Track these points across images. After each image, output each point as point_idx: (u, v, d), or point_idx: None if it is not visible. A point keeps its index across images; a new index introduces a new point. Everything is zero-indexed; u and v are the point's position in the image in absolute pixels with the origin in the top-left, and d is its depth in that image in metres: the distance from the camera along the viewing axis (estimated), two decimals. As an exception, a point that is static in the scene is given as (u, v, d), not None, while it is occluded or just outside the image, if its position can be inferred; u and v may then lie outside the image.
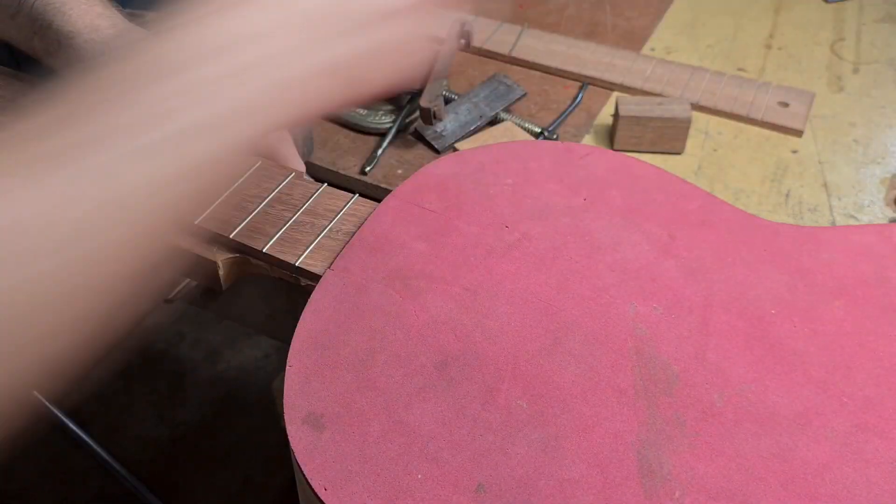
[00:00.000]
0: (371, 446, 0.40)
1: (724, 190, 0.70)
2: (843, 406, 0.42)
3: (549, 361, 0.44)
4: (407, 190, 0.54)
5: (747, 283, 0.48)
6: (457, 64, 0.85)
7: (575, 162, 0.56)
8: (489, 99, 0.76)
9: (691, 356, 0.44)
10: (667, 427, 0.41)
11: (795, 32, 0.91)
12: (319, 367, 0.44)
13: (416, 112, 0.75)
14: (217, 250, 0.52)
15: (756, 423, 0.41)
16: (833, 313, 0.47)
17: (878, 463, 0.40)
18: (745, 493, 0.39)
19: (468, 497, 0.38)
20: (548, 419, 0.41)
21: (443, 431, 0.41)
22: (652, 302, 0.47)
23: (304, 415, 0.41)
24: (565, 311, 0.46)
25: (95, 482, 1.16)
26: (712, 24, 0.93)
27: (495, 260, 0.49)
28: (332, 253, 0.51)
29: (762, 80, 0.82)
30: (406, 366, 0.44)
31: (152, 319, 1.39)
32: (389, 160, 0.73)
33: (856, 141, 0.76)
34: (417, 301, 0.47)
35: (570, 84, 0.82)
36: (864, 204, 0.69)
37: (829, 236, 0.51)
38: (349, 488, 0.38)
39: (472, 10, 0.49)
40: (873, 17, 0.94)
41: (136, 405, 1.30)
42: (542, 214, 0.52)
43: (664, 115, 0.71)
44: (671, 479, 0.39)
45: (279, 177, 0.56)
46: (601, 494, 0.39)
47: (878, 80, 0.84)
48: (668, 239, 0.51)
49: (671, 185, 0.54)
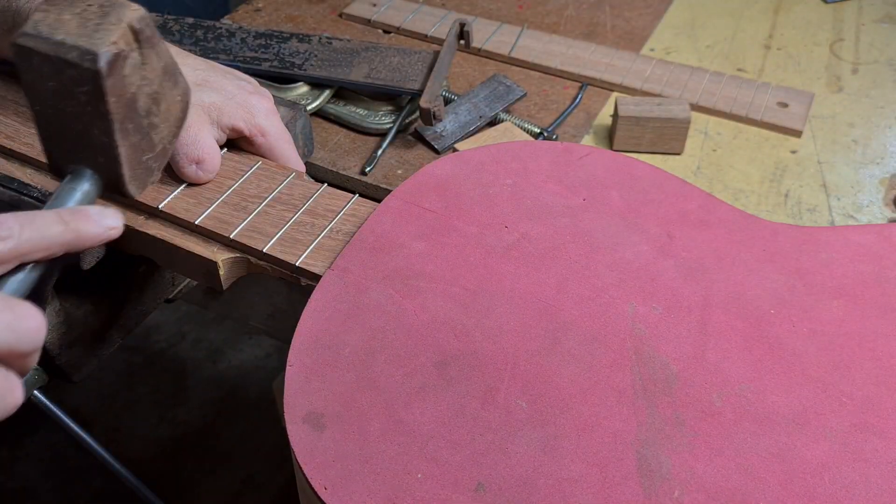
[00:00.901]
0: (371, 445, 0.40)
1: (723, 190, 0.70)
2: (843, 406, 0.42)
3: (548, 361, 0.44)
4: (407, 190, 0.54)
5: (746, 283, 0.48)
6: (457, 64, 0.85)
7: (574, 162, 0.56)
8: (489, 99, 0.76)
9: (690, 356, 0.45)
10: (666, 426, 0.41)
11: (794, 33, 0.91)
12: (320, 366, 0.44)
13: (416, 112, 0.75)
14: (217, 250, 0.52)
15: (755, 422, 0.42)
16: (832, 313, 0.47)
17: (877, 463, 0.40)
18: (745, 492, 0.39)
19: (468, 496, 0.38)
20: (547, 418, 0.41)
21: (442, 431, 0.41)
22: (651, 302, 0.47)
23: (305, 414, 0.41)
24: (564, 311, 0.47)
25: (97, 481, 1.16)
26: (711, 24, 0.93)
27: (495, 260, 0.49)
28: (332, 253, 0.51)
29: (761, 80, 0.82)
30: (406, 365, 0.44)
31: (153, 319, 1.39)
32: (389, 160, 0.73)
33: (855, 141, 0.76)
34: (417, 301, 0.47)
35: (569, 84, 0.83)
36: (863, 204, 0.69)
37: (828, 236, 0.52)
38: (349, 487, 0.39)
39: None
40: (872, 17, 0.94)
41: (137, 404, 1.30)
42: (542, 214, 0.52)
43: (663, 116, 0.72)
44: (670, 479, 0.39)
45: (279, 177, 0.56)
46: (600, 493, 0.39)
47: (877, 81, 0.84)
48: (667, 239, 0.51)
49: (670, 186, 0.55)
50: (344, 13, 0.94)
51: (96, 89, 0.41)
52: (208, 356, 1.36)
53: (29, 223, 0.40)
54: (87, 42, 0.41)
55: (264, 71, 0.77)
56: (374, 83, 0.75)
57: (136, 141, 0.45)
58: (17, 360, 0.38)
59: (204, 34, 0.80)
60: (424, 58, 0.78)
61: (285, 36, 0.81)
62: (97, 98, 0.42)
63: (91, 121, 0.43)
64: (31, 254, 0.40)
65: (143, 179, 0.48)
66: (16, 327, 0.36)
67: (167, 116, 0.48)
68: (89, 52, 0.41)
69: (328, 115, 0.78)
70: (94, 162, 0.45)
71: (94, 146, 0.44)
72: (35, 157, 0.57)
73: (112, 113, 0.42)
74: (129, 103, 0.44)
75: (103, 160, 0.45)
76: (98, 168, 0.45)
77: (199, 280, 0.56)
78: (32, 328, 0.37)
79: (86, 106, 0.42)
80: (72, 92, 0.42)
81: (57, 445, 1.16)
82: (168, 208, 0.53)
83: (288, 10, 0.95)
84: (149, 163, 0.47)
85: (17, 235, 0.39)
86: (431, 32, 0.89)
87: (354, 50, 0.79)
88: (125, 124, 0.44)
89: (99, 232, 0.43)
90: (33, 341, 0.37)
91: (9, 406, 0.37)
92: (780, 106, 0.78)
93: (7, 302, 0.37)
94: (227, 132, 0.58)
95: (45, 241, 0.40)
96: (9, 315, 0.37)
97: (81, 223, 0.42)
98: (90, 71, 0.41)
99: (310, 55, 0.78)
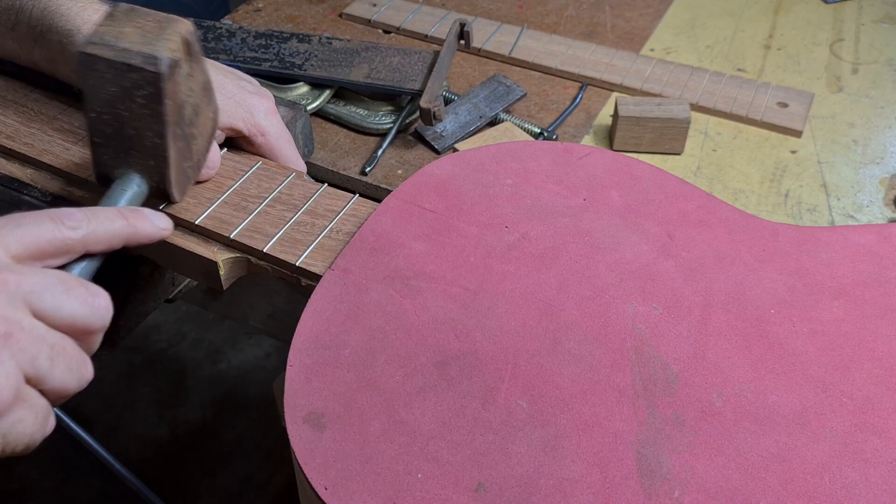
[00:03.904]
0: (371, 445, 0.40)
1: (723, 190, 0.70)
2: (843, 406, 0.42)
3: (548, 361, 0.44)
4: (407, 190, 0.54)
5: (746, 283, 0.48)
6: (457, 64, 0.85)
7: (574, 162, 0.56)
8: (489, 99, 0.76)
9: (690, 356, 0.45)
10: (666, 426, 0.41)
11: (794, 33, 0.91)
12: (320, 366, 0.44)
13: (416, 112, 0.75)
14: (218, 250, 0.52)
15: (755, 422, 0.42)
16: (832, 313, 0.47)
17: (877, 463, 0.40)
18: (745, 492, 0.39)
19: (468, 496, 0.38)
20: (547, 418, 0.41)
21: (443, 431, 0.41)
22: (651, 302, 0.47)
23: (305, 414, 0.41)
24: (565, 311, 0.47)
25: (96, 481, 1.16)
26: (711, 24, 0.93)
27: (495, 260, 0.49)
28: (332, 253, 0.51)
29: (761, 80, 0.82)
30: (406, 365, 0.44)
31: (153, 319, 1.39)
32: (389, 160, 0.73)
33: (855, 141, 0.76)
34: (417, 301, 0.47)
35: (569, 84, 0.83)
36: (863, 204, 0.69)
37: (828, 236, 0.52)
38: (349, 487, 0.39)
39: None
40: (872, 17, 0.94)
41: (137, 404, 1.30)
42: (542, 214, 0.52)
43: (663, 116, 0.72)
44: (670, 479, 0.39)
45: (279, 177, 0.56)
46: (601, 493, 0.39)
47: (876, 81, 0.84)
48: (667, 239, 0.51)
49: (670, 186, 0.55)
50: (344, 13, 0.94)
51: (156, 92, 0.45)
52: (208, 356, 1.36)
53: (94, 216, 0.43)
54: (150, 48, 0.45)
55: (264, 71, 0.77)
56: (374, 83, 0.75)
57: (181, 147, 0.49)
58: (88, 338, 0.40)
59: (204, 34, 0.80)
60: (424, 58, 0.78)
61: (285, 36, 0.81)
62: (156, 100, 0.46)
63: (147, 124, 0.47)
64: (95, 245, 0.43)
65: (183, 185, 0.52)
66: (91, 303, 0.39)
67: (203, 130, 0.52)
68: (153, 57, 0.45)
69: (328, 115, 0.78)
70: (144, 165, 0.49)
71: (145, 149, 0.48)
72: (35, 156, 0.57)
73: (167, 115, 0.46)
74: (179, 110, 0.47)
75: (153, 163, 0.48)
76: (147, 171, 0.49)
77: (199, 280, 0.56)
78: (104, 306, 0.40)
79: (144, 108, 0.46)
80: (132, 95, 0.46)
81: (57, 445, 1.16)
82: (169, 208, 0.53)
83: (288, 10, 0.95)
84: (187, 171, 0.52)
85: (84, 227, 0.42)
86: (431, 32, 0.89)
87: (354, 50, 0.79)
88: (175, 129, 0.48)
89: (153, 231, 0.47)
90: (103, 319, 0.40)
91: (83, 380, 0.40)
92: (780, 106, 0.78)
93: (80, 280, 0.40)
94: (225, 131, 0.58)
95: (107, 234, 0.44)
96: (84, 291, 0.39)
97: (139, 220, 0.46)
98: (153, 74, 0.45)
99: (310, 55, 0.78)
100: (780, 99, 0.79)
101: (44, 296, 0.38)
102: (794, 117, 0.77)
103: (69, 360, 0.39)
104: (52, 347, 0.38)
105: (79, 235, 0.42)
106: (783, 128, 0.76)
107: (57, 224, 0.41)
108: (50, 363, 0.37)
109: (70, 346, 0.39)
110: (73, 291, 0.39)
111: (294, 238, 0.52)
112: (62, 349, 0.38)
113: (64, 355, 0.38)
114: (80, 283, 0.40)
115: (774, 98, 0.79)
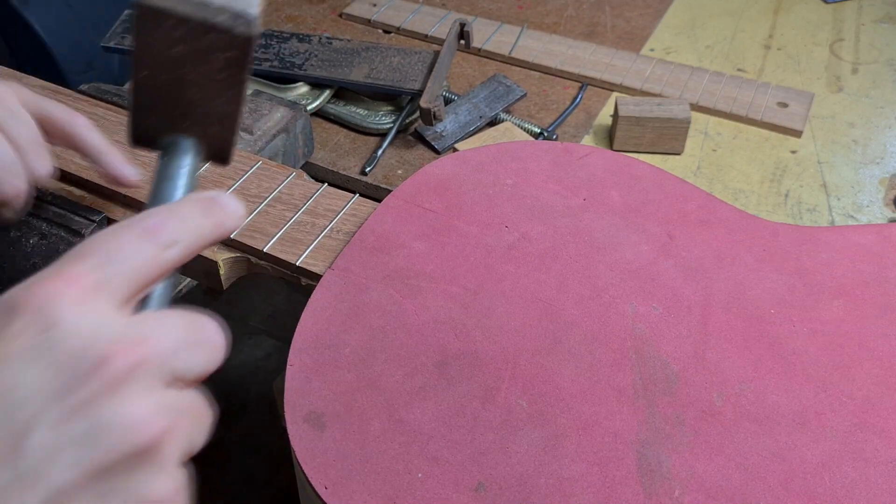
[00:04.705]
0: (371, 445, 0.40)
1: (723, 190, 0.70)
2: (843, 405, 0.42)
3: (548, 361, 0.44)
4: (407, 190, 0.54)
5: (746, 283, 0.48)
6: (457, 64, 0.85)
7: (574, 162, 0.56)
8: (489, 99, 0.76)
9: (691, 356, 0.45)
10: (666, 426, 0.41)
11: (794, 33, 0.92)
12: (320, 366, 0.44)
13: (416, 112, 0.75)
14: (217, 250, 0.52)
15: (755, 422, 0.42)
16: (832, 313, 0.47)
17: (877, 462, 0.40)
18: (745, 492, 0.39)
19: (468, 495, 0.38)
20: (547, 418, 0.41)
21: (443, 430, 0.41)
22: (651, 301, 0.47)
23: (305, 414, 0.41)
24: (565, 311, 0.47)
25: (96, 482, 1.15)
26: (711, 24, 0.93)
27: (495, 260, 0.49)
28: (332, 253, 0.51)
29: (761, 80, 0.82)
30: (406, 365, 0.44)
31: (153, 319, 1.38)
32: (389, 160, 0.73)
33: (855, 141, 0.76)
34: (417, 300, 0.47)
35: (569, 84, 0.83)
36: (863, 204, 0.69)
37: (828, 236, 0.52)
38: (350, 487, 0.39)
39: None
40: (872, 17, 0.94)
41: (136, 405, 1.29)
42: (542, 214, 0.52)
43: (663, 116, 0.72)
44: (670, 478, 0.39)
45: (279, 177, 0.56)
46: (601, 493, 0.39)
47: (876, 81, 0.84)
48: (667, 239, 0.51)
49: (670, 186, 0.55)
50: (344, 13, 0.94)
51: (241, 55, 0.37)
52: (208, 356, 1.35)
53: (181, 221, 0.34)
54: (238, 3, 0.36)
55: (264, 71, 0.77)
56: (374, 83, 0.75)
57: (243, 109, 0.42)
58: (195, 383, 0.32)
59: (204, 34, 0.80)
60: (424, 58, 0.78)
61: (285, 36, 0.81)
62: (237, 65, 0.38)
63: (219, 89, 0.39)
64: (188, 259, 0.34)
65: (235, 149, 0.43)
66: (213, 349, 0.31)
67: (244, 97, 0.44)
68: (242, 16, 0.36)
69: (328, 115, 0.78)
70: (204, 132, 0.41)
71: (210, 115, 0.40)
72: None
73: (246, 80, 0.39)
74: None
75: (217, 129, 0.41)
76: (206, 137, 0.41)
77: (199, 280, 0.56)
78: (221, 345, 0.32)
79: (220, 73, 0.38)
80: (206, 58, 0.38)
81: (57, 445, 1.16)
82: (168, 208, 0.53)
83: (288, 10, 0.95)
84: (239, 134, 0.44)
85: (180, 239, 0.33)
86: (431, 32, 0.89)
87: (354, 50, 0.79)
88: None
89: (236, 224, 0.36)
90: (218, 362, 0.32)
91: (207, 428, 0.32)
92: (780, 106, 0.78)
93: (194, 322, 0.31)
94: None
95: (199, 240, 0.34)
96: (201, 336, 0.31)
97: (222, 216, 0.36)
98: (242, 36, 0.37)
99: (310, 55, 0.78)
100: (780, 99, 0.79)
101: (176, 365, 0.30)
102: (794, 117, 0.77)
103: (205, 424, 0.31)
104: (198, 420, 0.31)
105: (178, 255, 0.33)
106: (783, 128, 0.76)
107: (153, 244, 0.32)
108: (201, 439, 0.31)
109: (200, 405, 0.31)
110: (199, 345, 0.31)
111: (294, 238, 0.52)
112: (200, 415, 0.31)
113: (201, 420, 0.31)
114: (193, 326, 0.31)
115: (774, 98, 0.79)
